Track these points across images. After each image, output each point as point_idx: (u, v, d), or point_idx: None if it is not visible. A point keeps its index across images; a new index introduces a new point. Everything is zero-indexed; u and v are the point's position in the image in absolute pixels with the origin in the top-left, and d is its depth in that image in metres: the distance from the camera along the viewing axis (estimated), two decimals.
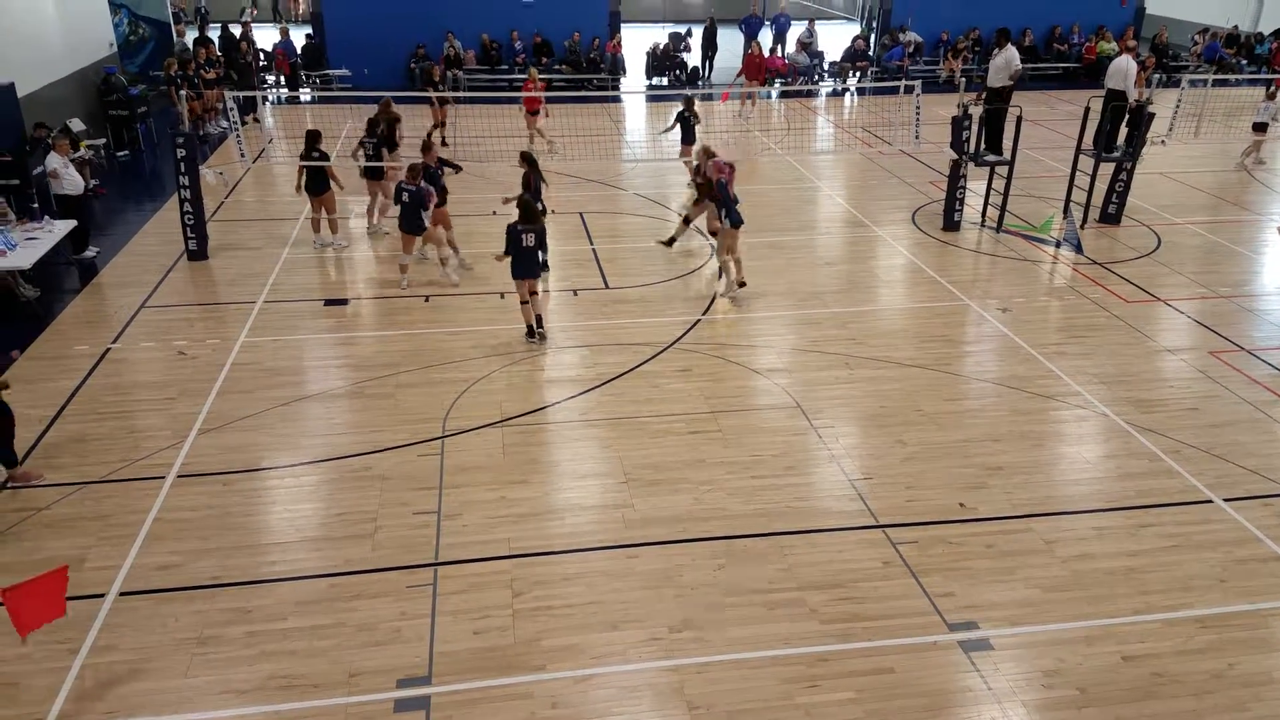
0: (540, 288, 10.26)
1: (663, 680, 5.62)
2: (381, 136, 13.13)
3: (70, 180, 12.23)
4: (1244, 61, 25.94)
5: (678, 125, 15.74)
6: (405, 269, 11.46)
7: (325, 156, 12.40)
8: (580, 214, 14.21)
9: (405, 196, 11.12)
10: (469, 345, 9.86)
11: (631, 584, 6.41)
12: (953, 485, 7.53)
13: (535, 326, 9.91)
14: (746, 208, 12.67)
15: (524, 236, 9.52)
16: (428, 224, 11.24)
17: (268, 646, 5.83)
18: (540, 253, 9.93)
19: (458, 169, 12.77)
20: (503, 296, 11.18)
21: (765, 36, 26.05)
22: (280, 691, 5.50)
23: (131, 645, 5.82)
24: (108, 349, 9.74)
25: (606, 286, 11.56)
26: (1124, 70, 13.24)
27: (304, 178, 12.32)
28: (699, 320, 10.55)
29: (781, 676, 5.64)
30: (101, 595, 6.22)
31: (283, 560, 6.62)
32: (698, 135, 15.58)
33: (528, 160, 11.90)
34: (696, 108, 16.07)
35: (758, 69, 21.78)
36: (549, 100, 18.23)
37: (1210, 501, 7.36)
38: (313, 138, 12.30)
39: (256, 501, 7.32)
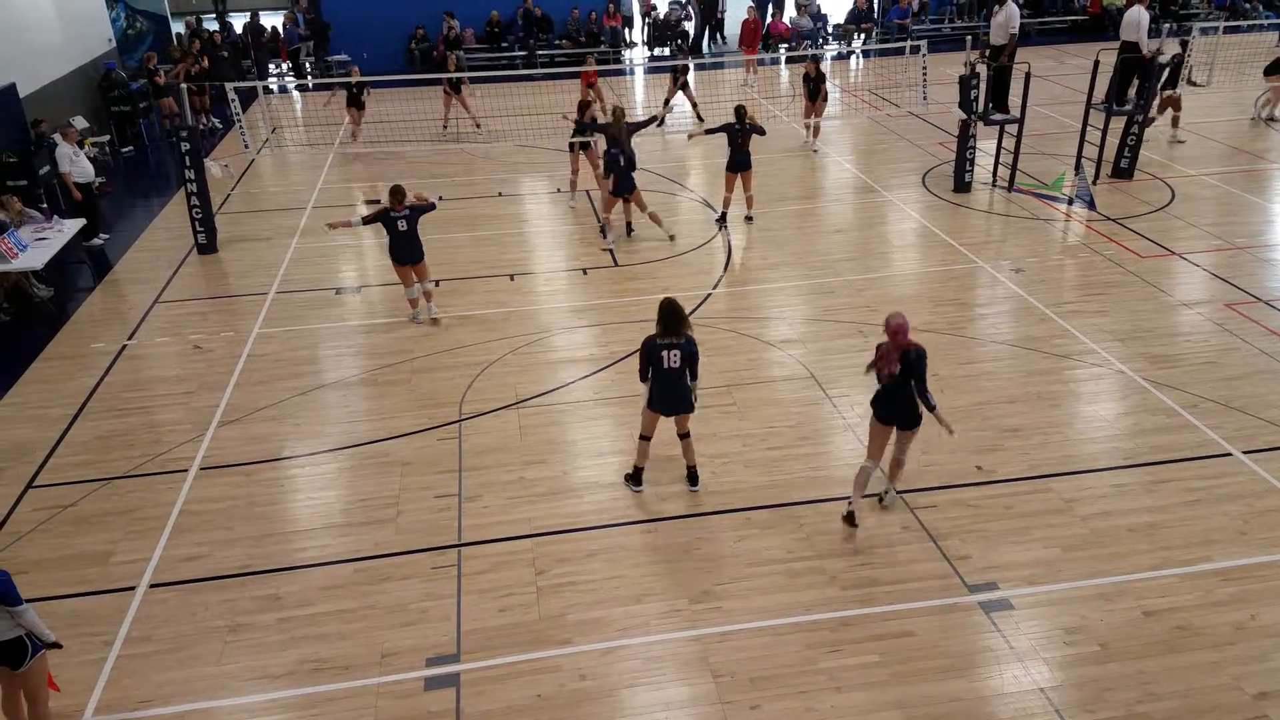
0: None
1: (687, 650, 5.68)
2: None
3: (80, 169, 12.35)
4: (1260, 7, 25.44)
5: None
6: (415, 303, 10.00)
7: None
8: (586, 191, 14.16)
9: (402, 225, 9.47)
10: (480, 329, 9.89)
11: (652, 558, 6.47)
12: (969, 448, 7.53)
13: (694, 468, 7.13)
14: (756, 176, 12.64)
15: (666, 354, 6.75)
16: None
17: (298, 631, 5.93)
18: (689, 376, 6.86)
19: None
20: (512, 278, 11.20)
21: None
22: (312, 675, 5.60)
23: (164, 635, 5.94)
24: (124, 345, 9.84)
25: (615, 264, 11.55)
26: (1136, 21, 13.03)
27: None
28: (709, 294, 10.53)
29: (804, 642, 5.69)
30: (132, 588, 6.34)
31: (309, 547, 6.71)
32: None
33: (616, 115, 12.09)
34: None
35: (754, 36, 21.53)
36: (560, 77, 18.12)
37: (1229, 455, 7.33)
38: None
39: (279, 490, 7.41)
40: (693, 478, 7.16)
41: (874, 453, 6.53)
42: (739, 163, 12.11)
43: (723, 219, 12.55)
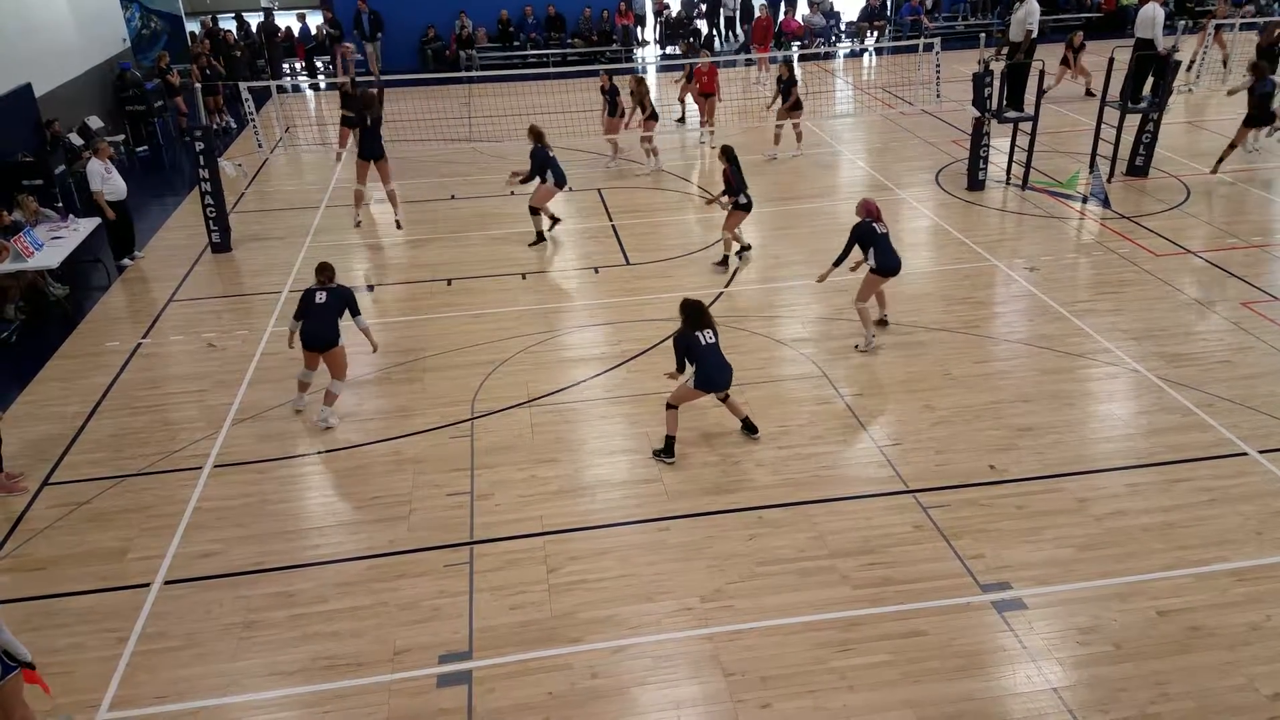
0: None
1: (698, 648, 5.68)
2: None
3: (112, 186, 11.67)
4: (1276, 4, 25.20)
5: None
6: (304, 387, 8.45)
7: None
8: (599, 190, 14.18)
9: (322, 297, 8.03)
10: (492, 327, 9.91)
11: (664, 556, 6.47)
12: (983, 448, 7.50)
13: (747, 419, 7.71)
14: (768, 174, 12.60)
15: (702, 335, 7.27)
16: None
17: (311, 628, 5.96)
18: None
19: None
20: (524, 277, 11.22)
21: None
22: (325, 671, 5.63)
23: (179, 632, 5.98)
24: (139, 344, 9.91)
25: (627, 263, 11.55)
26: (1151, 18, 12.95)
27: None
28: (721, 293, 10.52)
29: (815, 642, 5.68)
30: (147, 585, 6.38)
31: (322, 544, 6.74)
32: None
33: (727, 155, 10.74)
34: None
35: (765, 33, 21.49)
36: (566, 75, 18.10)
37: (1245, 454, 7.28)
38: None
39: (293, 488, 7.45)
40: (749, 428, 7.67)
41: (867, 297, 9.09)
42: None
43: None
